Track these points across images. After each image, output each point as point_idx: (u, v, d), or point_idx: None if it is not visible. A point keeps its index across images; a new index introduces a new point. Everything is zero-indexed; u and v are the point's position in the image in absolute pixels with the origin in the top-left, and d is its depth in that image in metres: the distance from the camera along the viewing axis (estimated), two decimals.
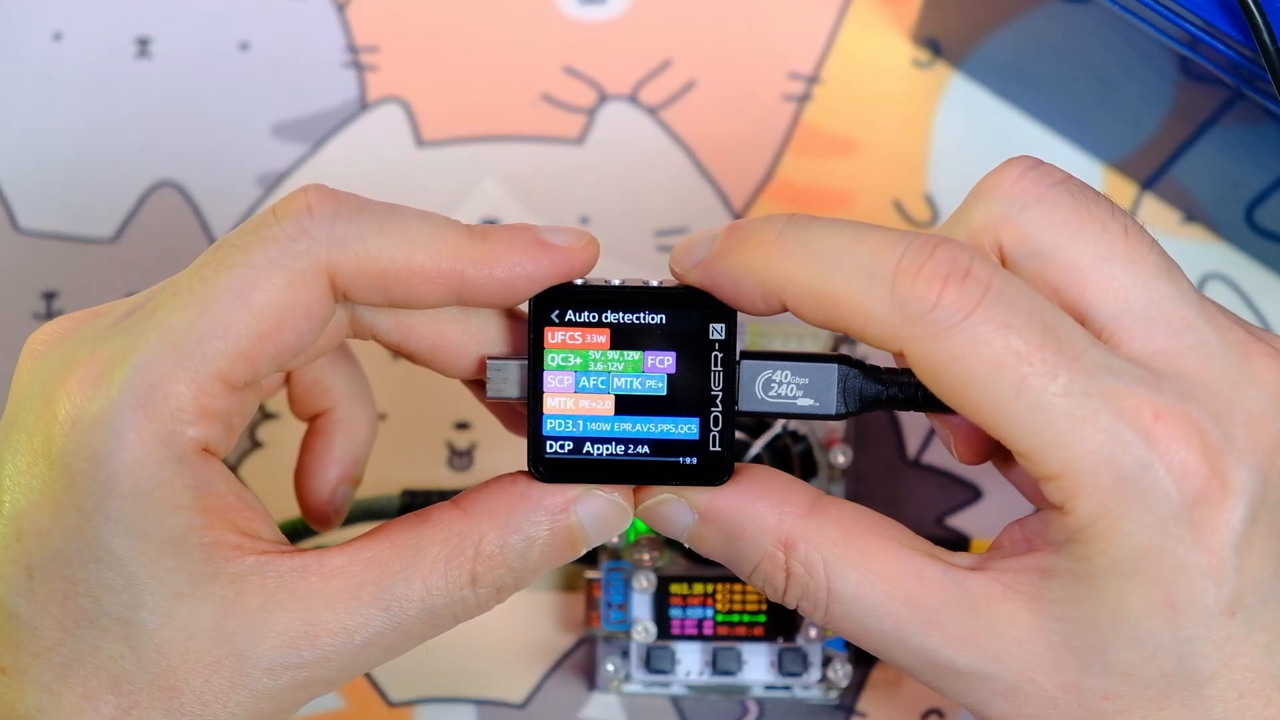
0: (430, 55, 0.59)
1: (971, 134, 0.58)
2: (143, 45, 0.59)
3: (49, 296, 0.57)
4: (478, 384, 0.41)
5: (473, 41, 0.59)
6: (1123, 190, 0.57)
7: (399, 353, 0.40)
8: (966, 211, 0.38)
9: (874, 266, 0.36)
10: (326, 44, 0.59)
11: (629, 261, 0.57)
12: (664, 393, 0.39)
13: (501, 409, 0.43)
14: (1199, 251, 0.57)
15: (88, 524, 0.36)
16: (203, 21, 0.59)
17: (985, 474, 0.55)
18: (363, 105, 0.59)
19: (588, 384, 0.39)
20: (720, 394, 0.39)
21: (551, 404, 0.39)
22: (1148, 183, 0.57)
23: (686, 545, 0.40)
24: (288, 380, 0.45)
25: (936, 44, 0.58)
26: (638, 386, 0.39)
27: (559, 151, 0.58)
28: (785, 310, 0.38)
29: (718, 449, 0.39)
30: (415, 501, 0.53)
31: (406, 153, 0.58)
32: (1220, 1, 0.47)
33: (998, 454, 0.40)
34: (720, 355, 0.39)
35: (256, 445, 0.55)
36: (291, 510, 0.48)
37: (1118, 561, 0.36)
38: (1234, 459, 0.36)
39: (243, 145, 0.58)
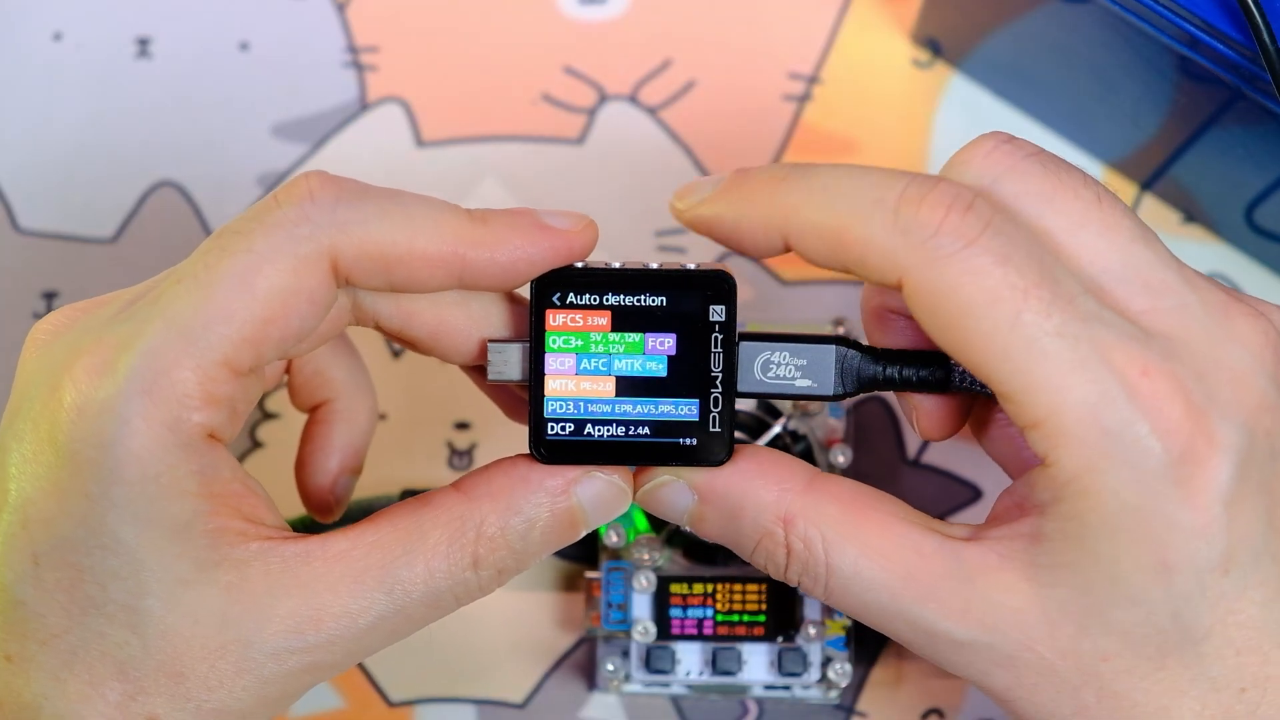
0: (430, 55, 0.59)
1: (971, 134, 0.57)
2: (143, 45, 0.59)
3: (49, 296, 0.57)
4: (479, 370, 0.41)
5: (473, 41, 0.59)
6: (1123, 190, 0.57)
7: (400, 339, 0.41)
8: None
9: (878, 193, 0.36)
10: (326, 44, 0.59)
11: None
12: (664, 374, 0.39)
13: (502, 395, 0.43)
14: (1199, 251, 0.57)
15: (94, 511, 0.37)
16: (203, 21, 0.59)
17: (985, 474, 0.55)
18: (363, 105, 0.59)
19: (589, 366, 0.39)
20: (720, 375, 0.39)
21: (553, 386, 0.39)
22: (1148, 183, 0.57)
23: (686, 528, 0.40)
24: (289, 371, 0.46)
25: (936, 44, 0.58)
26: (638, 368, 0.39)
27: (559, 151, 0.58)
28: (787, 250, 0.38)
29: (718, 429, 0.39)
30: None
31: (406, 153, 0.58)
32: (1220, 1, 0.47)
33: (960, 428, 0.40)
34: (720, 337, 0.39)
35: (257, 445, 0.55)
36: (294, 509, 0.48)
37: (1106, 519, 0.36)
38: (1219, 417, 0.36)
39: (243, 145, 0.58)
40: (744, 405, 0.51)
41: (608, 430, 0.39)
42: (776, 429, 0.51)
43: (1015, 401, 0.36)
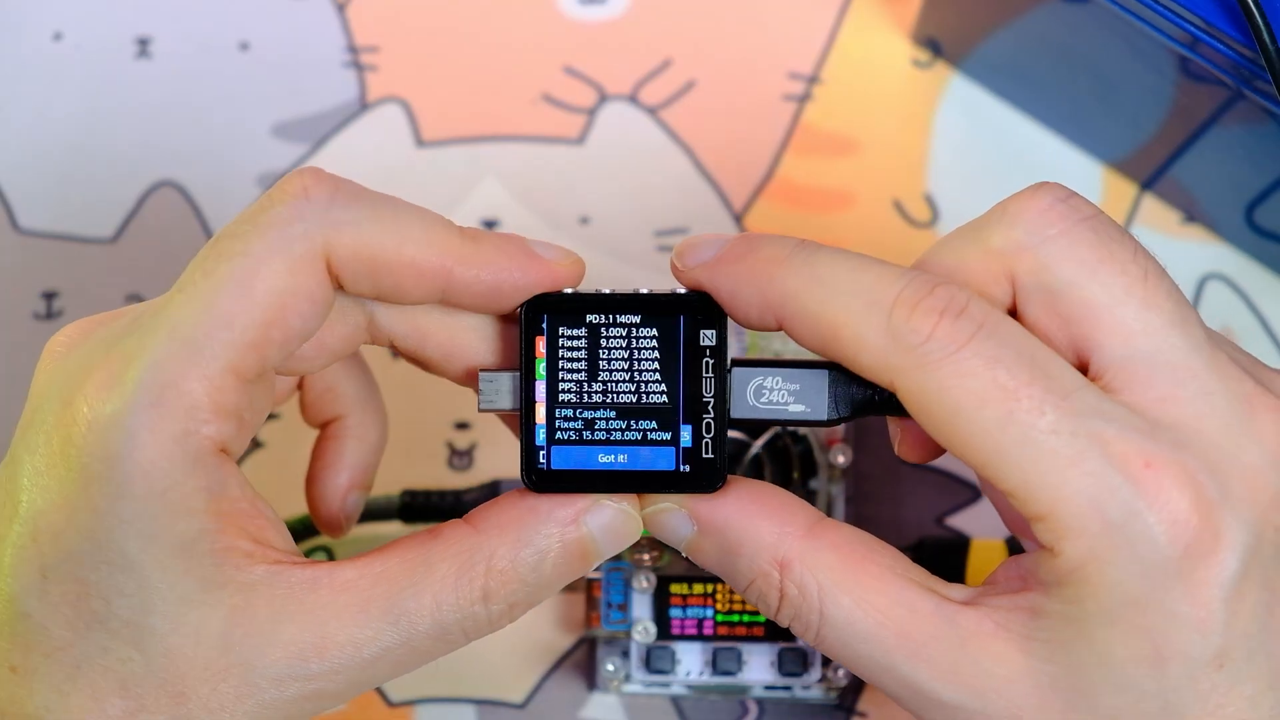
0: (430, 55, 0.59)
1: (971, 134, 0.58)
2: (143, 45, 0.59)
3: (49, 296, 0.57)
4: None
5: (473, 41, 0.59)
6: (1123, 190, 0.57)
7: (415, 360, 0.41)
8: (986, 229, 0.38)
9: (873, 295, 0.36)
10: (326, 44, 0.59)
11: (629, 262, 0.57)
12: (656, 400, 0.39)
13: (511, 416, 0.43)
14: (1199, 251, 0.57)
15: (101, 526, 0.36)
16: (203, 21, 0.59)
17: None
18: (363, 105, 0.59)
19: None
20: (712, 401, 0.39)
21: (543, 414, 0.39)
22: (1148, 183, 0.57)
23: (685, 555, 0.40)
24: (300, 387, 0.46)
25: (936, 44, 0.58)
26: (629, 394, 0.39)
27: (559, 151, 0.58)
28: (779, 329, 0.38)
29: (710, 456, 0.39)
30: (415, 501, 0.53)
31: (406, 153, 0.58)
32: (1220, 1, 0.47)
33: (940, 454, 0.40)
34: (711, 362, 0.39)
35: (257, 445, 0.55)
36: (294, 511, 0.48)
37: (1106, 608, 0.35)
38: (1227, 512, 0.35)
39: (243, 145, 0.58)
40: None
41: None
42: (776, 429, 0.51)
43: (1017, 498, 0.36)
